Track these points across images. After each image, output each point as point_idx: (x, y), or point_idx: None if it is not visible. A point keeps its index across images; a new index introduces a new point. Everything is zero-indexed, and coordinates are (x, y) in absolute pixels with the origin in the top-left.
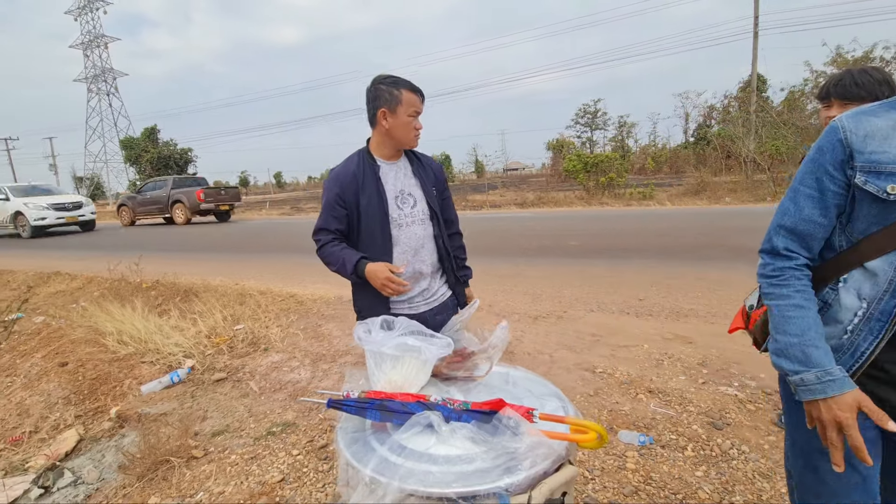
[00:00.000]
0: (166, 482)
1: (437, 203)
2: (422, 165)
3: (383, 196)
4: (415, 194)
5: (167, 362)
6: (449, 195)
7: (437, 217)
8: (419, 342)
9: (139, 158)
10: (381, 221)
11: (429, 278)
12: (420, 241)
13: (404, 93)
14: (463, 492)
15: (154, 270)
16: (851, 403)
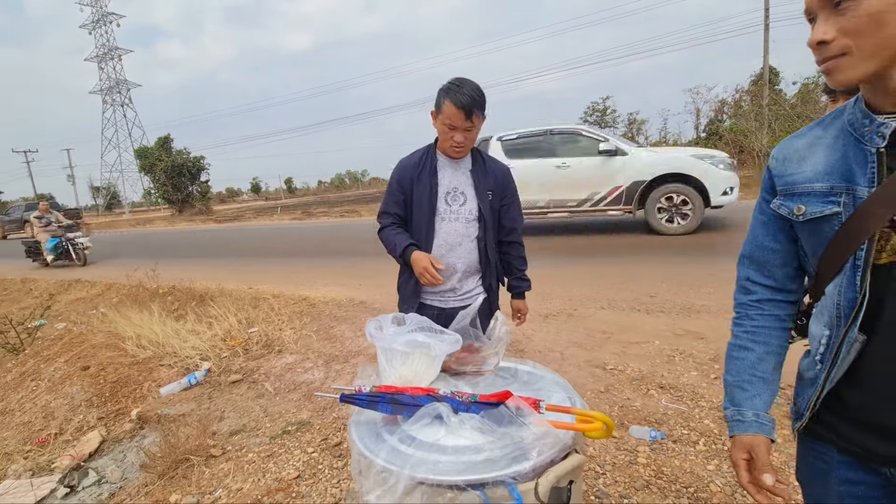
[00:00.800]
0: (186, 480)
1: (488, 206)
2: (484, 167)
3: (434, 189)
4: (467, 193)
5: (185, 365)
6: (511, 202)
7: (485, 220)
8: (429, 338)
9: (153, 167)
10: (428, 212)
11: (460, 276)
12: (458, 238)
13: (446, 103)
14: (471, 480)
15: (170, 276)
16: (743, 446)
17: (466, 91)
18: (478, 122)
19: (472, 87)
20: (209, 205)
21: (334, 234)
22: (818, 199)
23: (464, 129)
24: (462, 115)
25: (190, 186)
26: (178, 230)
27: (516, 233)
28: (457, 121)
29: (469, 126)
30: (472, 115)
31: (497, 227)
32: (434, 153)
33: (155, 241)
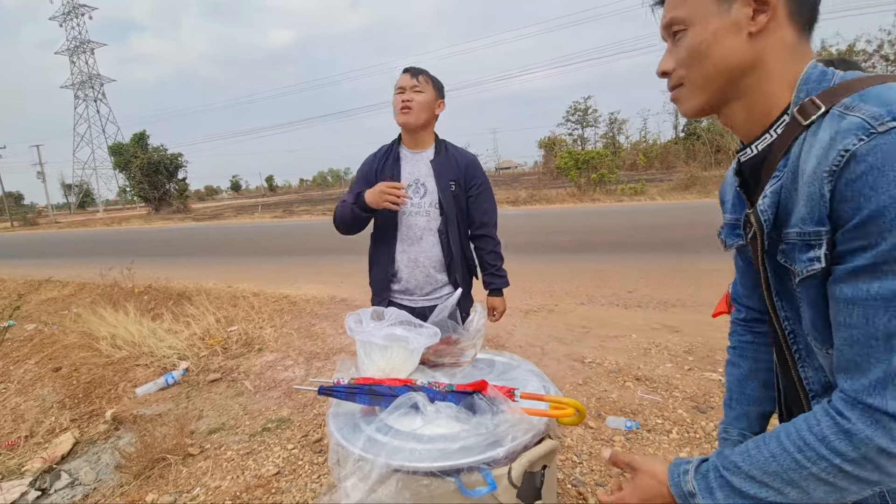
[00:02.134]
0: (163, 479)
1: (450, 197)
2: (447, 158)
3: (395, 180)
4: (427, 185)
5: (161, 365)
6: (479, 193)
7: (447, 212)
8: (407, 332)
9: (128, 164)
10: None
11: (428, 271)
12: (420, 231)
13: (399, 77)
14: (447, 466)
15: (146, 276)
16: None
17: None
18: (426, 87)
19: (422, 67)
20: (187, 203)
21: (316, 232)
22: (730, 232)
23: (410, 88)
24: (407, 75)
25: (167, 184)
26: (155, 229)
27: (487, 226)
28: (403, 81)
29: (415, 85)
30: (419, 76)
31: (464, 219)
32: (398, 146)
33: (130, 240)
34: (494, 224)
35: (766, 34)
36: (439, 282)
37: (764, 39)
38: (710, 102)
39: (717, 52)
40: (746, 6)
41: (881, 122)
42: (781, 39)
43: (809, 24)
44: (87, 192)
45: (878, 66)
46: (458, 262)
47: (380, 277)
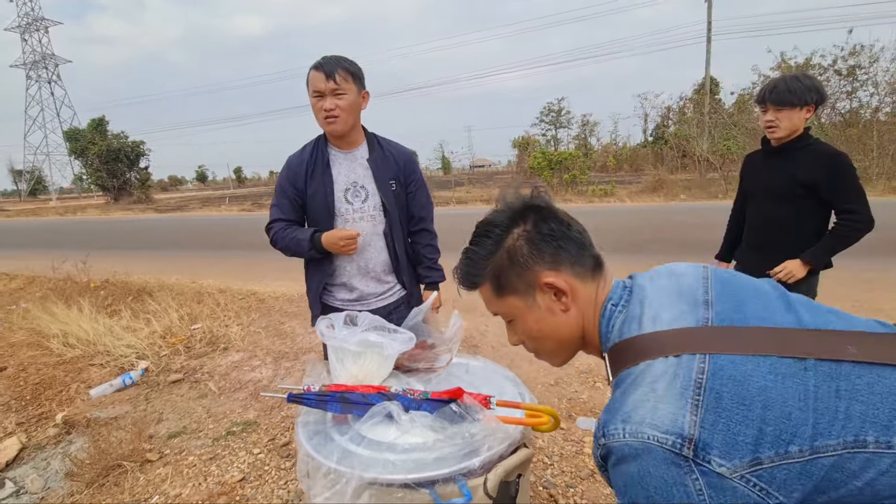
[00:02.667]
0: (118, 487)
1: (392, 198)
2: (382, 155)
3: (329, 188)
4: (367, 187)
5: (118, 364)
6: (417, 189)
7: (391, 213)
8: (382, 338)
9: (85, 151)
10: (325, 215)
11: (379, 276)
12: (367, 238)
13: (310, 73)
14: (422, 478)
15: (103, 269)
16: None
17: (330, 57)
18: (347, 86)
19: (339, 56)
20: (149, 193)
21: None
22: None
23: (330, 92)
24: (321, 75)
25: (127, 173)
26: (114, 219)
27: (424, 220)
28: (319, 84)
29: (335, 88)
30: (336, 75)
31: (405, 217)
32: (324, 146)
33: (86, 231)
34: (431, 218)
35: (574, 304)
36: (390, 283)
37: (574, 307)
38: (570, 356)
39: (549, 332)
40: (547, 296)
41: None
42: (587, 298)
43: (593, 269)
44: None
45: (833, 80)
46: (404, 264)
47: (313, 294)
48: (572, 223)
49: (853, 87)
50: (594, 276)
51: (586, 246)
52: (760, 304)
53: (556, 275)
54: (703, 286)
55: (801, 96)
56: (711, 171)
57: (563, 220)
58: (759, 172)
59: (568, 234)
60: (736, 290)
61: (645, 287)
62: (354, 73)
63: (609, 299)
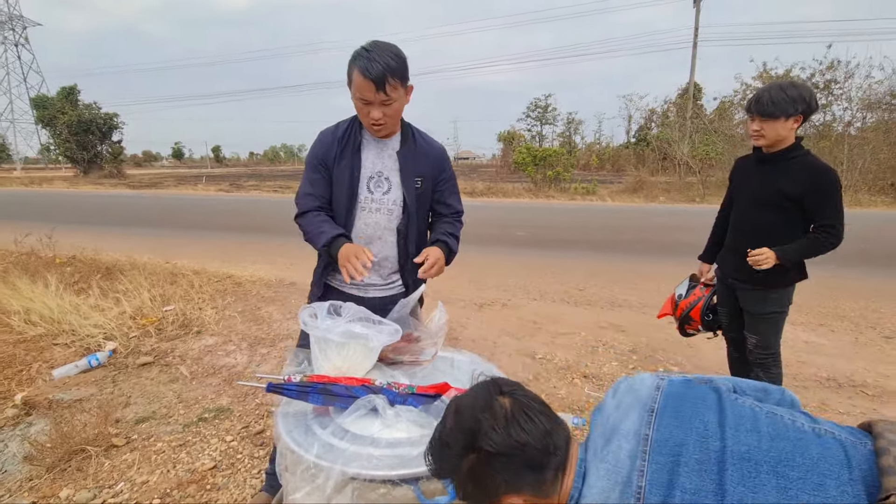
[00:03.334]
0: (81, 472)
1: (414, 196)
2: (415, 149)
3: (357, 173)
4: (392, 180)
5: (84, 345)
6: (446, 189)
7: (409, 211)
8: (366, 329)
9: (54, 120)
10: (347, 200)
11: (382, 271)
12: (378, 231)
13: (354, 73)
14: (405, 474)
15: (70, 244)
16: None
17: (377, 57)
18: (396, 94)
19: (386, 51)
20: (121, 168)
21: (265, 209)
22: None
23: (379, 102)
24: (371, 86)
25: (99, 146)
26: (83, 193)
27: (461, 213)
28: (367, 94)
29: (384, 99)
30: (386, 86)
31: (426, 218)
32: (359, 129)
33: (53, 204)
34: (461, 214)
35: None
36: (393, 276)
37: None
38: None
39: None
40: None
41: None
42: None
43: (556, 473)
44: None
45: None
46: (411, 267)
47: (317, 274)
48: (531, 433)
49: (828, 101)
50: (556, 479)
51: (549, 452)
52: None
53: (517, 497)
54: (642, 457)
55: (785, 108)
56: (690, 174)
57: (517, 444)
58: (748, 178)
59: (522, 456)
60: (674, 448)
61: (589, 470)
62: (403, 76)
63: (571, 497)
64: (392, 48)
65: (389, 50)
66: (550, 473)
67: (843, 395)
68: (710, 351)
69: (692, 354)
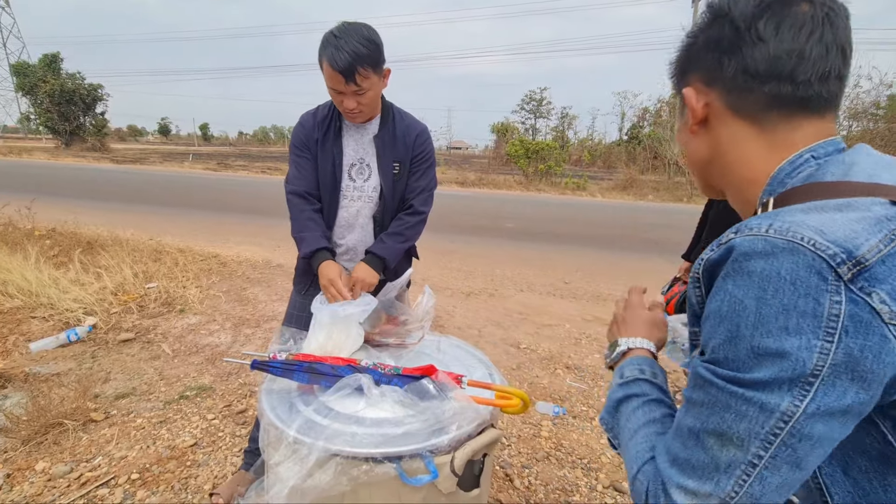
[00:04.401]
0: (58, 446)
1: (391, 182)
2: (392, 132)
3: (337, 162)
4: (372, 165)
5: (63, 319)
6: (427, 167)
7: (385, 197)
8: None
9: (35, 89)
10: (331, 188)
11: (358, 259)
12: (360, 219)
13: (324, 63)
14: (388, 452)
15: (49, 217)
16: None
17: (345, 45)
18: (368, 83)
19: (355, 37)
20: (105, 141)
21: (253, 190)
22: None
23: (352, 93)
24: (340, 78)
25: (82, 117)
26: (64, 165)
27: (420, 199)
28: (338, 84)
29: (356, 89)
30: (356, 76)
31: (401, 200)
32: (338, 113)
33: (32, 175)
34: (426, 199)
35: (709, 130)
36: None
37: (710, 135)
38: (707, 189)
39: (688, 150)
40: (690, 114)
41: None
42: (730, 135)
43: (781, 108)
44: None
45: None
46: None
47: (304, 263)
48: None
49: None
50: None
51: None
52: None
53: (705, 90)
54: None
55: None
56: (679, 174)
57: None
58: None
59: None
60: None
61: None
62: (375, 62)
63: (809, 150)
64: (362, 32)
65: (360, 34)
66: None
67: None
68: None
69: None
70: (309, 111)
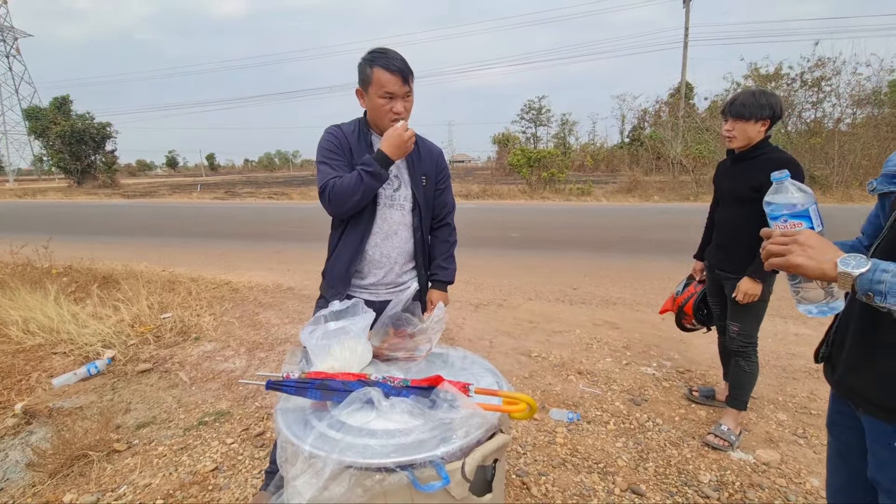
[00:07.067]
0: (84, 478)
1: (422, 193)
2: (418, 150)
3: None
4: (402, 178)
5: (83, 353)
6: (446, 187)
7: (421, 208)
8: (342, 323)
9: (46, 131)
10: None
11: (397, 267)
12: (394, 227)
13: (376, 71)
14: (401, 461)
15: (65, 255)
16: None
17: (394, 55)
18: (412, 89)
19: (398, 54)
20: (115, 177)
21: (261, 216)
22: (887, 181)
23: (402, 95)
24: (398, 79)
25: (92, 156)
26: (77, 203)
27: (450, 215)
28: (393, 87)
29: (407, 91)
30: (409, 80)
31: (431, 213)
32: (366, 130)
33: (47, 215)
34: (453, 212)
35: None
36: (405, 276)
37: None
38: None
39: None
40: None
41: None
42: None
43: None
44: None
45: (799, 91)
46: (426, 258)
47: (342, 271)
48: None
49: (818, 98)
50: None
51: None
52: None
53: None
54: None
55: (754, 112)
56: (684, 173)
57: None
58: (726, 178)
59: None
60: None
61: None
62: (414, 75)
63: None
64: (400, 54)
65: (400, 54)
66: None
67: None
68: (702, 347)
69: (685, 350)
70: (333, 125)
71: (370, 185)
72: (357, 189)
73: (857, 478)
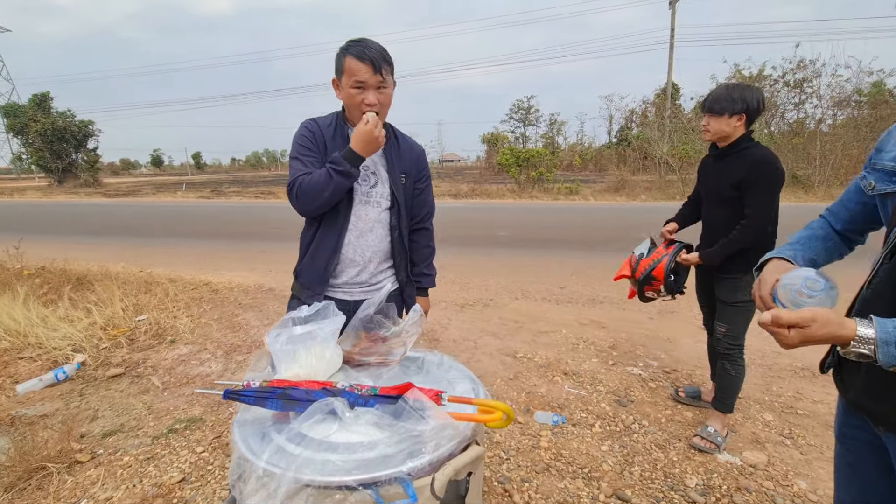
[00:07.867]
0: (42, 491)
1: (401, 191)
2: (398, 146)
3: None
4: (379, 174)
5: (51, 358)
6: (426, 187)
7: (399, 207)
8: (310, 328)
9: (25, 129)
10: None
11: (373, 266)
12: (369, 224)
13: (348, 60)
14: (363, 479)
15: (39, 255)
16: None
17: (369, 44)
18: (388, 80)
19: (375, 43)
20: (98, 176)
21: (246, 215)
22: (885, 178)
23: (375, 86)
24: (369, 68)
25: (74, 154)
26: (56, 203)
27: (429, 218)
28: (364, 75)
29: (380, 82)
30: (382, 69)
31: (409, 213)
32: (343, 124)
33: (24, 214)
34: (433, 216)
35: None
36: (380, 276)
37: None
38: None
39: None
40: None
41: None
42: None
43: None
44: None
45: (782, 92)
46: (405, 259)
47: (320, 271)
48: None
49: (801, 99)
50: None
51: None
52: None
53: None
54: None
55: (726, 107)
56: (670, 173)
57: None
58: (707, 175)
59: None
60: None
61: None
62: (391, 66)
63: None
64: (379, 44)
65: (379, 44)
66: None
67: (817, 384)
68: (688, 346)
69: (671, 349)
70: (310, 119)
71: (340, 184)
72: (326, 187)
73: (871, 492)
